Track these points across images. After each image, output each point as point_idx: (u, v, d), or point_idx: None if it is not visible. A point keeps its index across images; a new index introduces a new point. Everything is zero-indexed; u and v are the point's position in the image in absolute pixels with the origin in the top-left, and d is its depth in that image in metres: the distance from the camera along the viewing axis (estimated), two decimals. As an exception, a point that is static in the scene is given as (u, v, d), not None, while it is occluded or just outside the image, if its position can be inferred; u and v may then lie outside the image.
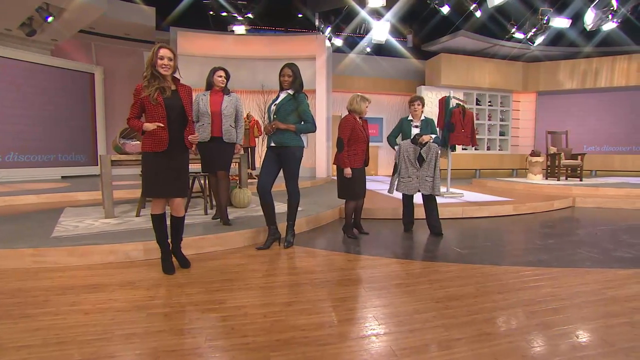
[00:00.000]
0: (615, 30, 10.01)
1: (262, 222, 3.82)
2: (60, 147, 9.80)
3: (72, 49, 10.59)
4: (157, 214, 2.89)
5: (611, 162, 11.77)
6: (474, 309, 2.27)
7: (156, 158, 2.82)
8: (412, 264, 3.26)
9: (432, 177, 4.17)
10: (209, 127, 4.18)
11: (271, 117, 3.65)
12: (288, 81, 3.61)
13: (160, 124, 2.74)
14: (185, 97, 2.90)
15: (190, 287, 2.66)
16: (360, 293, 2.57)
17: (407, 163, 4.22)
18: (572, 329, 2.02)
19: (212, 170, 4.35)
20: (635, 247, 3.81)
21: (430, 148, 4.16)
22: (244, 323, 2.10)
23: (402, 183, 4.25)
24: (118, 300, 2.39)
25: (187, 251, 3.26)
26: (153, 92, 2.73)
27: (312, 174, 10.64)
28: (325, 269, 3.13)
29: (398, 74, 12.56)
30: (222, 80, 4.28)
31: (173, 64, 2.82)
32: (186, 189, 3.03)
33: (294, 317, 2.18)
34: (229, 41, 10.30)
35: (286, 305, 2.34)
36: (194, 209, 5.13)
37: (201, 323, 2.11)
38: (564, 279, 2.85)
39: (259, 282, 2.77)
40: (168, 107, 2.79)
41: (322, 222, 4.97)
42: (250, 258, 3.40)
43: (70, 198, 6.36)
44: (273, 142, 3.63)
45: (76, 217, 4.41)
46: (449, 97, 6.38)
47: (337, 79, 11.76)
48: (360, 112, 4.06)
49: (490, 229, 4.77)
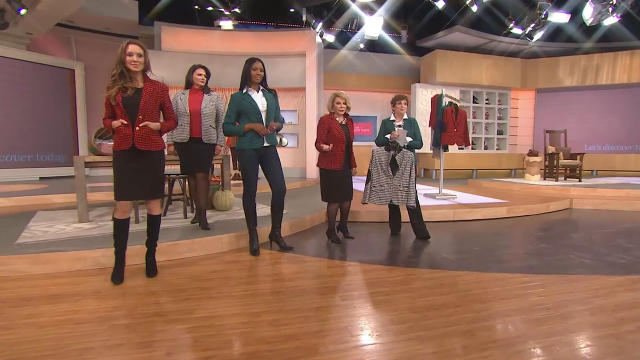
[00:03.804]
0: (617, 25, 10.01)
1: (243, 226, 3.78)
2: (38, 147, 9.68)
3: (50, 44, 10.46)
4: (121, 219, 2.84)
5: (612, 162, 11.78)
6: (453, 319, 2.24)
7: (123, 157, 2.79)
8: (395, 270, 3.23)
9: (407, 187, 4.10)
10: (187, 127, 4.15)
11: (260, 117, 3.54)
12: (261, 75, 3.55)
13: (124, 121, 2.72)
14: (153, 95, 2.83)
15: (159, 296, 2.62)
16: (336, 302, 2.53)
17: (379, 170, 4.17)
18: (554, 342, 2.00)
19: (191, 171, 4.31)
20: (631, 251, 3.81)
21: (404, 155, 4.12)
22: (209, 335, 2.07)
23: (373, 192, 4.18)
24: (79, 311, 2.34)
25: (160, 257, 3.22)
26: (114, 91, 2.71)
27: (302, 175, 10.61)
28: (304, 276, 3.10)
29: (392, 71, 12.55)
30: (202, 79, 4.24)
31: (143, 60, 2.78)
32: (159, 191, 2.97)
33: (262, 328, 2.14)
34: (215, 37, 10.24)
35: (256, 316, 2.31)
36: (174, 212, 5.08)
37: (164, 335, 2.07)
38: (551, 286, 2.83)
39: (231, 291, 2.74)
40: (128, 107, 2.74)
41: (308, 225, 4.94)
42: (227, 264, 3.37)
43: (46, 201, 6.28)
44: (267, 142, 3.57)
45: (47, 222, 4.35)
46: (441, 95, 6.36)
47: (328, 76, 11.72)
48: (333, 110, 4.03)
49: (481, 233, 4.75)
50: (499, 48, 11.77)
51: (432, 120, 6.45)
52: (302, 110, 10.68)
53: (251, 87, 3.59)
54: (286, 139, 11.04)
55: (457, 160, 11.51)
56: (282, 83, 10.48)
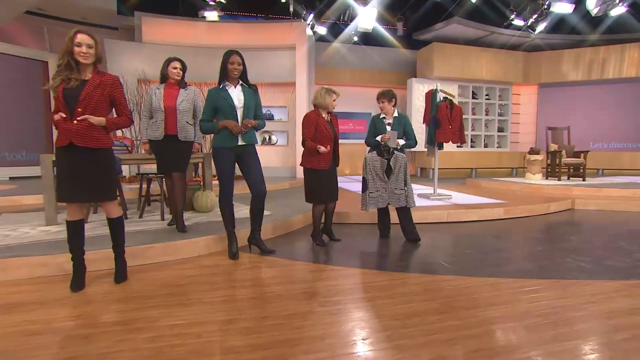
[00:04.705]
0: (625, 15, 10.01)
1: (223, 228, 3.75)
2: (8, 145, 9.54)
3: (20, 33, 10.29)
4: (72, 221, 2.79)
5: (619, 160, 11.76)
6: (435, 327, 2.22)
7: (64, 154, 2.71)
8: (380, 275, 3.21)
9: (404, 189, 4.16)
10: (162, 124, 4.11)
11: (235, 113, 3.52)
12: (239, 70, 3.51)
13: (63, 114, 2.65)
14: (100, 87, 2.73)
15: (124, 303, 2.59)
16: (313, 309, 2.50)
17: (374, 177, 4.20)
18: (539, 354, 1.97)
19: (167, 171, 4.27)
20: (632, 254, 3.80)
21: (397, 158, 4.13)
22: (173, 345, 2.03)
23: (371, 198, 4.22)
24: (35, 321, 2.30)
25: (130, 262, 3.18)
26: (57, 82, 2.64)
27: (292, 174, 10.58)
28: (283, 281, 3.07)
29: (387, 65, 12.53)
30: (177, 72, 4.20)
31: (94, 52, 2.70)
32: (107, 193, 2.88)
33: (230, 337, 2.11)
34: (200, 28, 10.21)
35: (226, 324, 2.28)
36: (151, 214, 5.04)
37: (125, 345, 2.03)
38: (544, 292, 2.81)
39: (203, 297, 2.70)
40: (68, 99, 2.65)
41: (294, 227, 4.92)
42: (202, 269, 3.34)
43: (14, 202, 6.21)
44: (243, 140, 3.54)
45: (11, 225, 4.29)
46: (435, 90, 6.35)
47: (320, 70, 11.71)
48: (327, 107, 4.00)
49: (476, 235, 4.74)
50: (499, 40, 11.79)
51: (426, 116, 6.44)
52: (292, 107, 10.66)
53: (229, 82, 3.56)
54: (275, 137, 11.02)
55: (455, 159, 11.52)
56: (271, 77, 10.49)
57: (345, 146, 10.97)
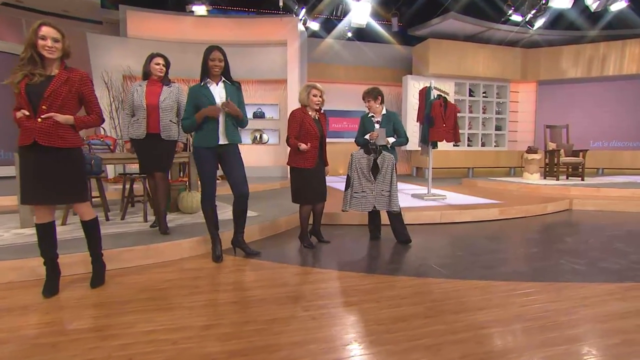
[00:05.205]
0: (626, 10, 10.05)
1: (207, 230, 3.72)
2: (-15, 144, 9.44)
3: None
4: (41, 223, 2.74)
5: (620, 159, 11.78)
6: (420, 332, 2.20)
7: (28, 154, 2.65)
8: (367, 278, 3.19)
9: (389, 191, 4.14)
10: (144, 122, 4.07)
11: None
12: (220, 66, 3.48)
13: (26, 111, 2.57)
14: (67, 83, 2.67)
15: (99, 309, 2.56)
16: (296, 313, 2.48)
17: (360, 176, 4.17)
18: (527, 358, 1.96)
19: (149, 171, 4.24)
20: (628, 256, 3.81)
21: (384, 157, 4.12)
22: (147, 352, 2.00)
23: (355, 199, 4.18)
24: (1, 329, 2.25)
25: (110, 265, 3.16)
26: (19, 78, 2.56)
27: (284, 174, 10.53)
28: (267, 284, 3.05)
29: (382, 62, 12.52)
30: (160, 69, 4.17)
31: (61, 47, 2.65)
32: (78, 194, 2.82)
33: (207, 343, 2.09)
34: (188, 23, 10.13)
35: (203, 329, 2.25)
36: (135, 215, 5.01)
37: (95, 353, 2.00)
38: (536, 295, 2.80)
39: (183, 301, 2.68)
40: (32, 96, 2.57)
41: (282, 228, 4.92)
42: (183, 272, 3.32)
43: (-9, 204, 6.15)
44: (226, 139, 3.51)
45: (-15, 227, 4.25)
46: (429, 87, 6.35)
47: (313, 67, 11.66)
48: (307, 104, 3.98)
49: (469, 236, 4.74)
50: (497, 36, 11.80)
51: (420, 114, 6.44)
52: (283, 104, 10.62)
53: (210, 79, 3.53)
54: (267, 136, 10.99)
55: (452, 158, 11.52)
56: (261, 74, 10.45)
57: (340, 145, 10.97)
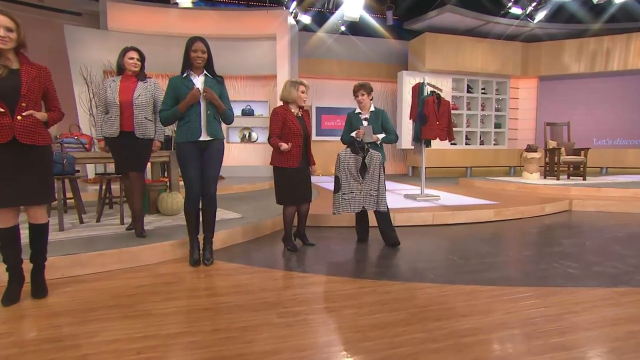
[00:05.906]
0: (630, 2, 10.07)
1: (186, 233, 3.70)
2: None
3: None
4: (4, 228, 2.69)
5: (625, 158, 11.79)
6: (398, 340, 2.18)
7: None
8: (350, 282, 3.17)
9: (377, 190, 4.12)
10: (117, 120, 4.03)
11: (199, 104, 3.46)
12: (203, 58, 3.45)
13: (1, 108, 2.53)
14: (37, 80, 2.67)
15: (62, 317, 2.52)
16: (270, 320, 2.46)
17: (347, 176, 4.15)
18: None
19: (123, 170, 4.20)
20: (625, 259, 3.79)
21: (372, 156, 4.10)
22: (107, 363, 1.97)
23: (344, 200, 4.16)
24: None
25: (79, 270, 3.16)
26: None
27: (274, 174, 10.52)
28: (243, 290, 3.02)
29: (376, 57, 12.51)
30: (134, 63, 4.13)
31: (15, 37, 2.60)
32: (46, 195, 2.80)
33: (173, 352, 2.07)
34: (172, 16, 10.12)
35: (171, 338, 2.22)
36: (111, 217, 4.97)
37: (52, 364, 1.97)
38: (523, 300, 2.79)
39: (153, 308, 2.65)
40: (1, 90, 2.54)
41: (267, 231, 4.91)
42: (157, 278, 3.29)
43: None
44: (208, 135, 3.48)
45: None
46: (422, 83, 6.34)
47: (304, 62, 11.67)
48: (293, 100, 3.96)
49: (461, 239, 4.74)
50: (496, 30, 11.83)
51: (413, 112, 6.43)
52: (273, 101, 10.59)
53: (192, 71, 3.51)
54: (256, 134, 10.97)
55: (449, 157, 11.53)
56: (250, 70, 10.45)
57: (332, 144, 10.96)
